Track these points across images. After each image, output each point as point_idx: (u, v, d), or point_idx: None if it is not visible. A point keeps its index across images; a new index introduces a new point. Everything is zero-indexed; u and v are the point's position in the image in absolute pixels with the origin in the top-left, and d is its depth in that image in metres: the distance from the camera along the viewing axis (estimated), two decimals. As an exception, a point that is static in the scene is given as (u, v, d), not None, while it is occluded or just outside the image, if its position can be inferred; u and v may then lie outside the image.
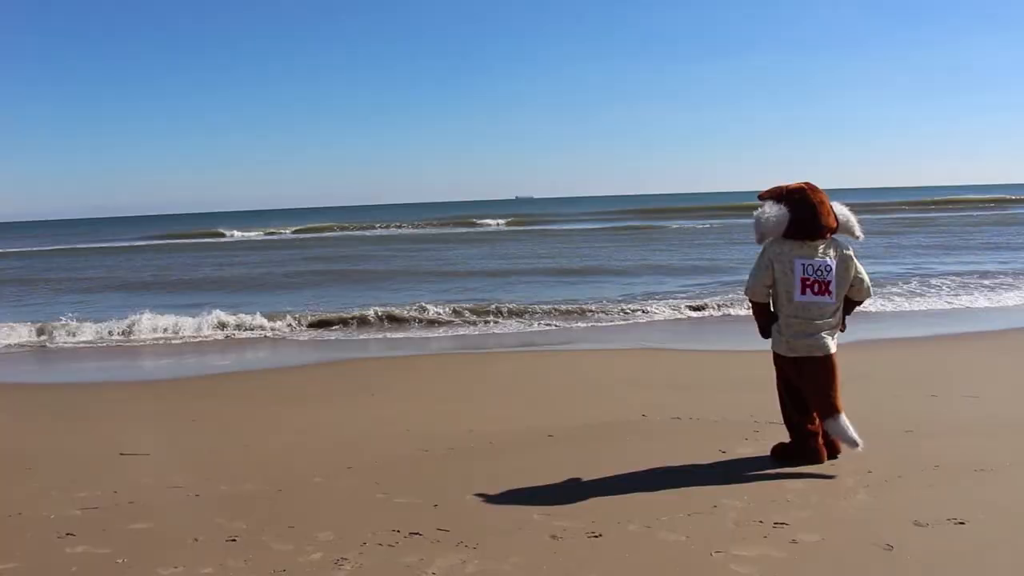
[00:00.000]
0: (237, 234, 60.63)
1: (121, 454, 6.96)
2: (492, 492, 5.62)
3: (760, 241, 6.01)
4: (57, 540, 5.06)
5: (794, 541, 4.61)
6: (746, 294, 6.12)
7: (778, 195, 5.93)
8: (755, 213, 5.97)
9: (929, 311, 15.17)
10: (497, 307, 15.83)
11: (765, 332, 6.10)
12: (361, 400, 8.93)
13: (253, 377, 10.81)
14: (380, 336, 14.35)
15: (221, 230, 63.93)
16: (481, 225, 60.51)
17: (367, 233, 56.85)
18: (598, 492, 5.55)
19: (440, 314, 15.55)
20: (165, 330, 14.86)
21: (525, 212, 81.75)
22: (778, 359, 6.06)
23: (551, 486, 5.74)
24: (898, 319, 14.17)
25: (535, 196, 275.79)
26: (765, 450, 6.31)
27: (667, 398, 8.27)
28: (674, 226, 49.21)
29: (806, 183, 5.97)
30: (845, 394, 6.05)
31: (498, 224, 60.81)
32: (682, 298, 17.03)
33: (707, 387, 8.80)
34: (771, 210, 5.86)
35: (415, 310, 15.86)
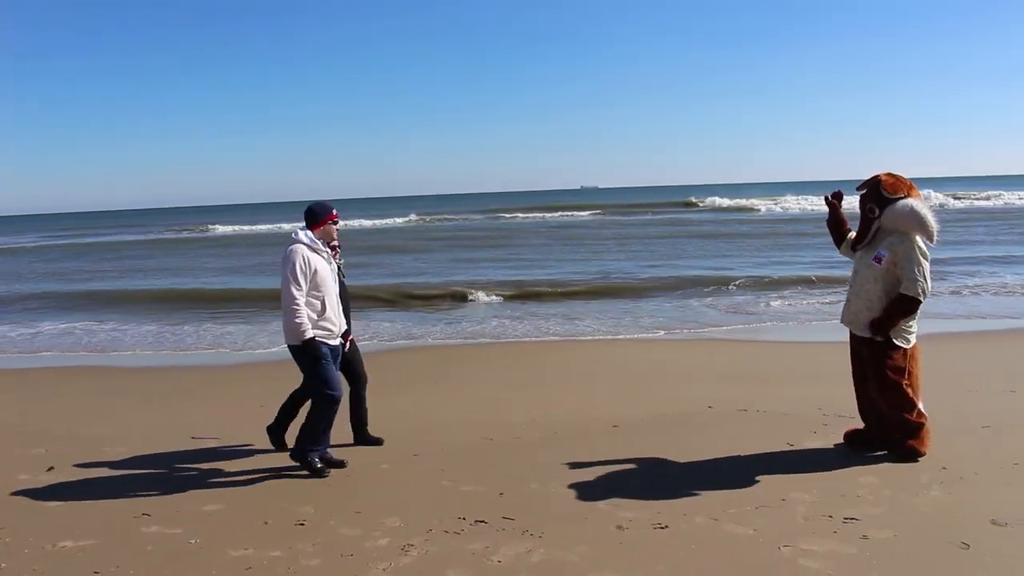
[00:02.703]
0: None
1: (193, 438, 7.12)
2: (557, 481, 5.61)
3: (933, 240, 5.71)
4: (133, 520, 5.21)
5: (865, 537, 4.52)
6: (924, 297, 5.67)
7: (909, 190, 5.76)
8: (921, 209, 5.62)
9: (1005, 304, 14.70)
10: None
11: (888, 330, 5.74)
12: (426, 388, 8.98)
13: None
14: (445, 324, 14.37)
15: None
16: (570, 216, 58.59)
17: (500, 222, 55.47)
18: (664, 483, 5.51)
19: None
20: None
21: (608, 202, 78.67)
22: (907, 353, 5.80)
23: (616, 476, 5.72)
24: (973, 312, 13.75)
25: (600, 186, 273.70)
26: (834, 443, 6.22)
27: (733, 390, 8.17)
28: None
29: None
30: (922, 387, 5.95)
31: (591, 215, 59.24)
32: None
33: (773, 379, 8.67)
34: (926, 207, 5.67)
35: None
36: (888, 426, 5.88)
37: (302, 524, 5.04)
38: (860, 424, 6.15)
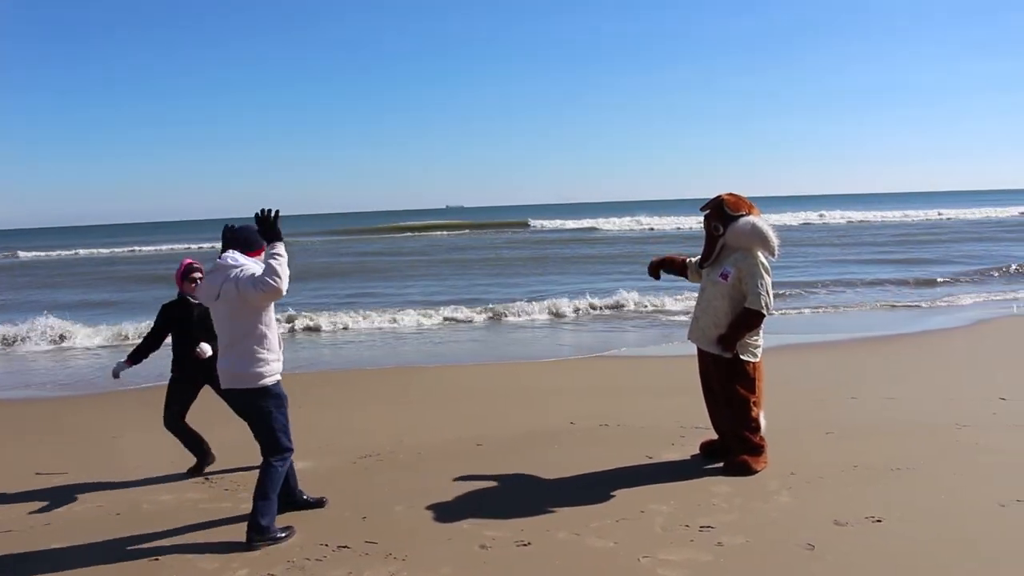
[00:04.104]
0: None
1: (37, 473, 6.74)
2: (421, 503, 5.60)
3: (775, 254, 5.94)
4: (-31, 565, 4.89)
5: (720, 544, 4.70)
6: (768, 311, 5.88)
7: (749, 208, 6.01)
8: (762, 226, 5.84)
9: (847, 315, 15.55)
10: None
11: (735, 345, 5.95)
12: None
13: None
14: (305, 349, 14.14)
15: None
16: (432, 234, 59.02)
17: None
18: (527, 500, 5.57)
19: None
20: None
21: (472, 220, 78.89)
22: (755, 367, 6.04)
23: (480, 495, 5.75)
24: (817, 323, 14.49)
25: (465, 205, 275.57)
26: (691, 454, 6.44)
27: (595, 406, 8.33)
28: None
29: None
30: (769, 398, 6.23)
31: (457, 234, 59.27)
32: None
33: (633, 393, 8.90)
34: (766, 224, 5.90)
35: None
36: (730, 440, 6.12)
37: (156, 560, 4.84)
38: (715, 436, 6.38)
